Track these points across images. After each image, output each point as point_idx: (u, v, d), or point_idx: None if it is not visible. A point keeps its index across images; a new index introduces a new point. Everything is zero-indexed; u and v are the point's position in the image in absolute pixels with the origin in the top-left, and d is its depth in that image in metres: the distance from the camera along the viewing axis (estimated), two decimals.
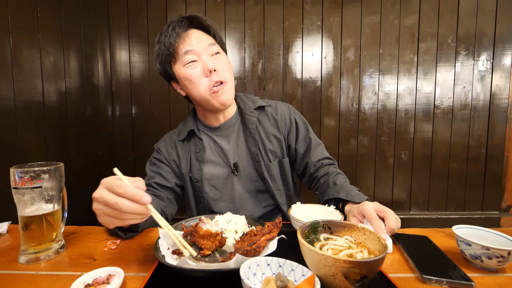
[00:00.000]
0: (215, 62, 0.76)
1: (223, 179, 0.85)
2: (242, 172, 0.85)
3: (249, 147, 0.84)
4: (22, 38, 1.00)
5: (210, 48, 0.76)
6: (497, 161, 1.55)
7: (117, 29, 1.55)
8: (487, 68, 1.52)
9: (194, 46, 0.75)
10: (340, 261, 0.37)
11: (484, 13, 1.48)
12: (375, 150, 1.58)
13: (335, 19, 1.52)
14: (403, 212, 1.61)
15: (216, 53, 0.77)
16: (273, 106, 0.91)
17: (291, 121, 0.90)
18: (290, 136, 0.89)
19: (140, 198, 0.44)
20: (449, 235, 0.64)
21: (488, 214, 1.58)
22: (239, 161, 0.84)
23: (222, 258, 0.51)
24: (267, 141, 0.86)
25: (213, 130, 0.86)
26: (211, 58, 0.76)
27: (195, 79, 0.75)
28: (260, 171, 0.83)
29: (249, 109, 0.86)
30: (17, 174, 0.51)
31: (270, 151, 0.85)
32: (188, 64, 0.75)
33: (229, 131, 0.86)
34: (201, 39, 0.76)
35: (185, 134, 0.85)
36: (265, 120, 0.88)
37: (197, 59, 0.75)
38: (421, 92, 1.55)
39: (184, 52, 0.75)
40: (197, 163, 0.84)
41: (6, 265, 0.52)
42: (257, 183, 0.85)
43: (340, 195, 0.72)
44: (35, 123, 1.08)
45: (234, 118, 0.87)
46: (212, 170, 0.84)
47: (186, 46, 0.75)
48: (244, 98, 0.90)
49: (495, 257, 0.47)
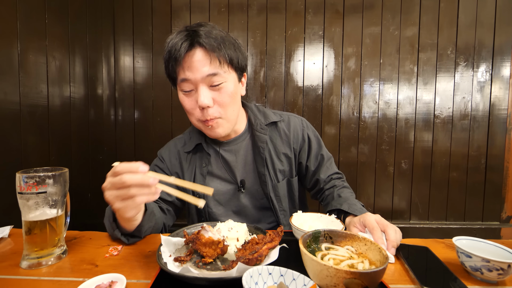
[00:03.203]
0: (213, 95, 0.69)
1: (228, 195, 0.83)
2: (248, 189, 0.83)
3: (257, 166, 0.81)
4: (29, 44, 1.02)
5: (209, 78, 0.68)
6: (497, 171, 1.55)
7: (122, 35, 1.58)
8: (486, 79, 1.54)
9: (191, 75, 0.67)
10: (341, 272, 0.38)
11: (483, 25, 1.51)
12: (376, 159, 1.59)
13: (337, 29, 1.55)
14: (403, 222, 1.61)
15: (216, 85, 0.69)
16: (286, 120, 0.87)
17: (304, 138, 0.86)
18: (301, 153, 0.86)
19: (137, 168, 0.49)
20: (449, 246, 0.64)
21: (488, 225, 1.57)
22: (247, 178, 0.82)
23: (224, 266, 0.51)
24: (277, 160, 0.83)
25: (221, 144, 0.83)
26: (208, 91, 0.69)
27: (188, 108, 0.72)
28: (265, 191, 0.81)
29: (260, 125, 0.82)
30: (22, 179, 0.52)
31: (279, 171, 0.83)
32: (185, 92, 0.71)
33: (238, 146, 0.83)
34: (202, 65, 0.67)
35: (192, 147, 0.82)
36: (276, 138, 0.84)
37: (194, 88, 0.70)
38: (421, 102, 1.57)
39: (181, 80, 0.70)
40: (202, 177, 0.81)
41: (8, 270, 0.53)
42: (263, 201, 0.84)
43: (343, 207, 0.72)
44: (39, 127, 1.09)
45: (244, 133, 0.84)
46: (217, 186, 0.82)
47: (184, 73, 0.68)
48: (256, 112, 0.85)
49: (495, 269, 0.47)
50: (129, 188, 0.48)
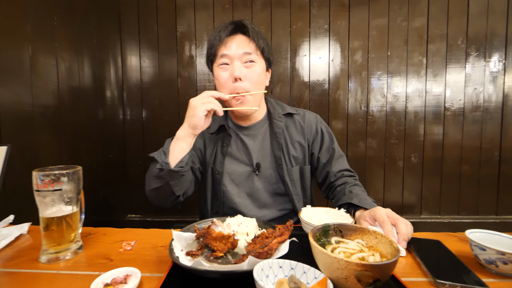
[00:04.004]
0: (245, 71, 0.80)
1: (244, 176, 0.88)
2: (263, 172, 0.88)
3: (274, 150, 0.87)
4: (39, 46, 1.04)
5: (245, 56, 0.80)
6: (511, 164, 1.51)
7: (128, 35, 1.59)
8: (499, 69, 1.49)
9: (229, 51, 0.80)
10: (352, 264, 0.38)
11: (495, 13, 1.46)
12: (384, 153, 1.57)
13: (342, 22, 1.53)
14: (414, 216, 1.59)
15: (249, 61, 0.81)
16: (301, 114, 0.94)
17: (317, 131, 0.93)
18: (314, 144, 0.92)
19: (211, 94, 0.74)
20: (462, 239, 0.63)
21: (503, 219, 1.54)
22: (262, 161, 0.88)
23: (235, 260, 0.52)
24: (291, 147, 0.89)
25: (241, 129, 0.90)
26: (242, 66, 0.80)
27: (222, 81, 0.82)
28: (281, 174, 0.86)
29: (277, 114, 0.90)
30: (39, 177, 0.53)
31: (293, 157, 0.89)
32: (221, 66, 0.82)
33: (257, 132, 0.90)
34: (241, 45, 0.80)
35: (216, 128, 0.90)
36: (292, 127, 0.91)
37: (230, 63, 0.81)
38: (431, 94, 1.53)
39: (220, 55, 0.81)
40: (222, 156, 0.88)
41: (28, 264, 0.55)
42: (275, 186, 0.88)
43: (353, 201, 0.73)
44: (51, 127, 1.11)
45: (262, 121, 0.91)
46: (234, 166, 0.88)
47: (223, 50, 0.81)
48: (274, 104, 0.94)
49: (511, 262, 0.46)
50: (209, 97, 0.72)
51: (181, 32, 1.57)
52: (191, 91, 1.58)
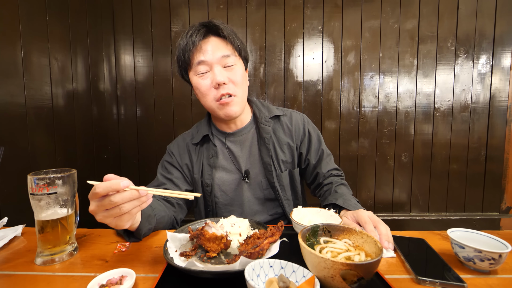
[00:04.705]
0: (227, 74, 0.76)
1: (233, 185, 0.86)
2: (252, 179, 0.86)
3: (262, 156, 0.85)
4: (32, 46, 1.04)
5: (223, 60, 0.76)
6: (497, 162, 1.56)
7: (122, 34, 1.58)
8: (487, 70, 1.53)
9: (207, 57, 0.75)
10: (338, 264, 0.40)
11: (484, 15, 1.50)
12: (376, 152, 1.61)
13: (336, 23, 1.54)
14: (404, 214, 1.63)
15: (229, 66, 0.77)
16: (288, 115, 0.92)
17: (305, 132, 0.92)
18: (302, 145, 0.91)
19: (118, 185, 0.48)
20: (445, 237, 0.66)
21: (488, 215, 1.59)
22: (251, 168, 0.86)
23: (227, 260, 0.54)
24: (280, 151, 0.88)
25: (227, 136, 0.87)
26: (223, 70, 0.76)
27: (204, 89, 0.77)
28: (271, 180, 0.85)
29: (264, 118, 0.87)
30: (34, 181, 0.54)
31: (282, 161, 0.87)
32: (200, 74, 0.77)
33: (243, 138, 0.87)
34: (217, 49, 0.76)
35: (199, 138, 0.87)
36: (279, 130, 0.89)
37: (209, 70, 0.77)
38: (421, 95, 1.57)
39: (197, 62, 0.76)
40: (209, 168, 0.85)
41: (24, 266, 0.56)
42: (266, 191, 0.87)
43: (338, 201, 0.75)
44: (45, 128, 1.11)
45: (249, 125, 0.88)
46: (223, 176, 0.86)
47: (200, 56, 0.76)
48: (260, 106, 0.90)
49: (487, 259, 0.49)
50: (120, 206, 0.49)
51: (175, 32, 1.57)
52: (186, 91, 1.58)
